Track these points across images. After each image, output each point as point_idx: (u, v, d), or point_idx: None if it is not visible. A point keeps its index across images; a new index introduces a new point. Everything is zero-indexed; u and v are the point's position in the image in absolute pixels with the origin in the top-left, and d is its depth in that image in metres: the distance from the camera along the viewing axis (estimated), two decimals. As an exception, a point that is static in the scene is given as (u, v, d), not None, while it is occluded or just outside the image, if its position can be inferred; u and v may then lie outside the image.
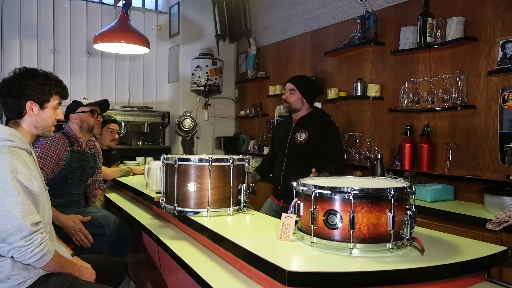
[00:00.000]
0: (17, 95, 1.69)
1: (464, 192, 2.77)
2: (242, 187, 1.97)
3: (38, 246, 1.54)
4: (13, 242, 1.51)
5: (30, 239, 1.52)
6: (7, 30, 4.69)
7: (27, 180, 1.57)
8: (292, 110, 2.80)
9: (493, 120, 2.65)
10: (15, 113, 1.72)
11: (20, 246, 1.51)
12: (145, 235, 2.40)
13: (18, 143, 1.62)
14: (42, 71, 1.77)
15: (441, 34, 2.87)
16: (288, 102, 2.78)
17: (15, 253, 1.52)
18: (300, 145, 2.71)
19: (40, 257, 1.56)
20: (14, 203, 1.51)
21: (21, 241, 1.51)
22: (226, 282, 1.53)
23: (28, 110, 1.72)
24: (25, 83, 1.70)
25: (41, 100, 1.74)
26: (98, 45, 4.03)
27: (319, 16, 4.15)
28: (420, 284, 1.29)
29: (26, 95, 1.70)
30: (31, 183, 1.59)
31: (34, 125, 1.75)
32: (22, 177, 1.56)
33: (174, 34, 5.44)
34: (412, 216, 1.39)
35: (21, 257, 1.53)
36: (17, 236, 1.51)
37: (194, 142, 5.22)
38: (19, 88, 1.69)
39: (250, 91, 5.38)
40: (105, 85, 5.30)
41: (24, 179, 1.57)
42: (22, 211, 1.52)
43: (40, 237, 1.55)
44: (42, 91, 1.73)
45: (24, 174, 1.57)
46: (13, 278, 1.58)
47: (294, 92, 2.77)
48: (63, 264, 1.70)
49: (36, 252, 1.54)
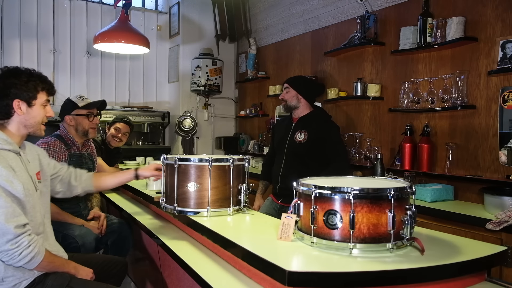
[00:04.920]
0: (2, 95, 1.65)
1: (464, 192, 2.77)
2: (242, 187, 1.96)
3: (26, 248, 1.53)
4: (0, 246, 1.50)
5: (16, 242, 1.51)
6: (7, 30, 4.69)
7: (9, 183, 1.54)
8: (289, 107, 2.84)
9: (493, 120, 2.65)
10: (2, 114, 1.67)
11: (7, 249, 1.50)
12: (145, 235, 2.40)
13: (2, 145, 1.60)
14: (25, 69, 1.73)
15: (441, 34, 2.87)
16: (284, 100, 2.84)
17: (3, 256, 1.51)
18: (299, 145, 2.71)
19: (30, 259, 1.54)
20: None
21: (7, 244, 1.49)
22: (226, 282, 1.53)
23: (16, 109, 1.67)
24: (9, 82, 1.66)
25: (28, 97, 1.69)
26: (98, 45, 4.04)
27: (319, 16, 4.15)
28: (420, 284, 1.29)
29: (12, 94, 1.66)
30: (13, 186, 1.55)
31: (24, 124, 1.70)
32: (2, 180, 1.53)
33: (174, 34, 5.44)
34: (412, 216, 1.39)
35: (10, 260, 1.52)
36: (2, 240, 1.49)
37: (194, 142, 5.22)
38: (3, 87, 1.65)
39: (250, 91, 5.38)
40: (105, 85, 5.30)
41: (5, 182, 1.54)
42: (5, 214, 1.50)
43: (27, 239, 1.53)
44: (27, 88, 1.68)
45: (5, 177, 1.54)
46: (8, 280, 1.57)
47: (289, 90, 2.82)
48: (56, 263, 1.69)
49: (24, 254, 1.53)
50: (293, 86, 2.82)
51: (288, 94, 2.82)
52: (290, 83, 2.85)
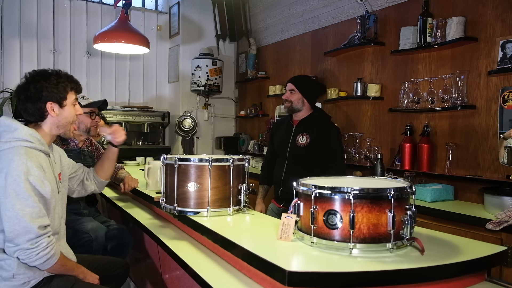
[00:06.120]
0: (35, 99, 1.70)
1: (464, 192, 2.77)
2: (242, 187, 1.96)
3: (43, 249, 1.55)
4: (20, 244, 1.52)
5: (36, 242, 1.54)
6: (7, 30, 4.69)
7: (39, 183, 1.58)
8: (293, 110, 2.76)
9: (493, 120, 2.65)
10: (37, 117, 1.72)
11: (26, 248, 1.53)
12: (145, 235, 2.40)
13: (36, 145, 1.64)
14: (52, 70, 1.78)
15: (441, 34, 2.87)
16: (289, 102, 2.74)
17: (20, 254, 1.54)
18: (301, 148, 2.66)
19: (45, 260, 1.57)
20: (24, 205, 1.53)
21: (27, 243, 1.52)
22: (226, 282, 1.53)
23: (50, 111, 1.72)
24: (39, 86, 1.70)
25: (59, 98, 1.74)
26: (98, 45, 4.03)
27: (319, 16, 4.15)
28: (420, 284, 1.29)
29: (44, 97, 1.70)
30: (43, 186, 1.60)
31: (56, 125, 1.76)
32: (34, 179, 1.57)
33: (174, 34, 5.44)
34: (412, 216, 1.39)
35: (26, 259, 1.54)
36: (24, 238, 1.52)
37: (194, 142, 5.22)
38: (34, 92, 1.69)
39: (250, 91, 5.38)
40: (105, 85, 5.30)
41: (37, 181, 1.58)
42: (31, 213, 1.53)
43: (46, 240, 1.56)
44: (57, 90, 1.73)
45: (37, 177, 1.58)
46: (18, 277, 1.59)
47: (295, 92, 2.73)
48: (67, 267, 1.72)
49: (41, 255, 1.55)
50: (299, 89, 2.73)
51: (294, 96, 2.73)
52: (296, 85, 2.75)
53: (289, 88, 2.77)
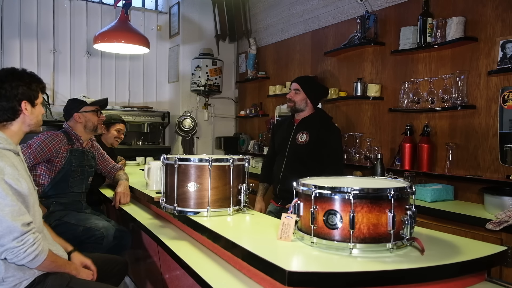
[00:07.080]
0: (10, 98, 1.69)
1: (464, 192, 2.77)
2: (242, 187, 1.96)
3: (31, 246, 1.54)
4: (5, 244, 1.51)
5: (22, 240, 1.52)
6: (7, 30, 4.69)
7: (15, 181, 1.57)
8: (296, 110, 2.77)
9: (493, 120, 2.65)
10: (9, 115, 1.71)
11: (13, 247, 1.51)
12: (145, 235, 2.40)
13: (4, 144, 1.63)
14: (22, 69, 1.78)
15: (441, 34, 2.87)
16: (292, 101, 2.75)
17: (8, 254, 1.52)
18: (301, 146, 2.68)
19: (33, 257, 1.56)
20: (3, 205, 1.51)
21: (13, 242, 1.51)
22: (226, 282, 1.53)
23: (24, 110, 1.72)
24: (15, 84, 1.70)
25: (32, 98, 1.75)
26: (98, 45, 4.04)
27: (319, 16, 4.15)
28: (420, 284, 1.29)
29: (20, 96, 1.70)
30: (19, 184, 1.59)
31: (27, 124, 1.76)
32: (9, 178, 1.56)
33: (174, 34, 5.44)
34: (412, 216, 1.39)
35: (15, 258, 1.53)
36: (9, 238, 1.51)
37: (194, 142, 5.22)
38: (10, 90, 1.69)
39: (250, 91, 5.38)
40: (105, 85, 5.30)
41: (12, 180, 1.56)
42: (11, 212, 1.52)
43: (32, 237, 1.55)
44: (31, 89, 1.74)
45: (12, 175, 1.57)
46: (8, 280, 1.58)
47: (299, 92, 2.73)
48: (58, 263, 1.70)
49: (29, 252, 1.54)
50: (304, 89, 2.74)
51: (298, 96, 2.73)
52: (302, 85, 2.75)
53: (294, 87, 2.77)
